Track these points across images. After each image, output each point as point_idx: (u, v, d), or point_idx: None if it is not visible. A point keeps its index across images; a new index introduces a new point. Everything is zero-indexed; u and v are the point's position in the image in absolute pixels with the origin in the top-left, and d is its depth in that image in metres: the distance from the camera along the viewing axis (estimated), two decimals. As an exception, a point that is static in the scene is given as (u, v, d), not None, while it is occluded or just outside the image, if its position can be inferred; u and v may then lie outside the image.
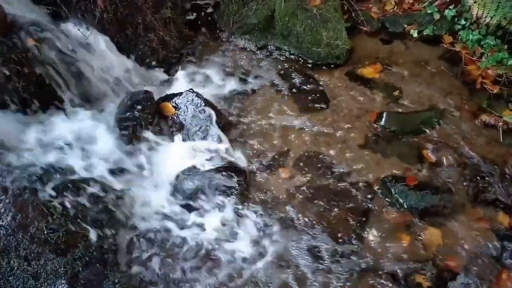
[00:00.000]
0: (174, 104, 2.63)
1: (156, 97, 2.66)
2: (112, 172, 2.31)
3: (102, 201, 2.19)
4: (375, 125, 2.80)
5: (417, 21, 3.32)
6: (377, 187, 2.51)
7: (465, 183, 2.52)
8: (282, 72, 3.12)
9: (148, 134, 2.51)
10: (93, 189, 2.19)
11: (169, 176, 2.46)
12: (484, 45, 3.03)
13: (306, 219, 2.37)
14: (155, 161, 2.48)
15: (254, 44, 3.28)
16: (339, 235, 2.32)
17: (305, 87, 3.01)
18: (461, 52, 3.13)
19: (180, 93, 2.66)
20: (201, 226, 2.32)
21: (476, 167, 2.56)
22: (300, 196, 2.47)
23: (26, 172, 2.06)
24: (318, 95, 2.97)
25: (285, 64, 3.18)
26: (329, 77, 3.09)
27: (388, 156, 2.66)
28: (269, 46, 3.26)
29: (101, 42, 2.63)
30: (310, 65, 3.16)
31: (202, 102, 2.61)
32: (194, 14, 3.43)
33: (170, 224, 2.30)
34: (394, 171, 2.58)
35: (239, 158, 2.60)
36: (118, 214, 2.22)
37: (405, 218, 2.37)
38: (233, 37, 3.31)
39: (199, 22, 3.40)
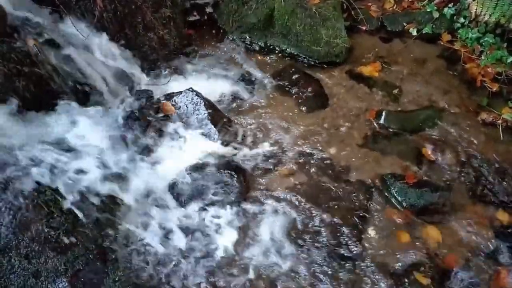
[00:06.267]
0: (173, 103, 2.64)
1: (156, 96, 2.67)
2: (113, 170, 2.32)
3: (103, 199, 2.20)
4: (375, 124, 2.81)
5: (416, 20, 3.33)
6: (376, 185, 2.52)
7: (464, 181, 2.53)
8: (281, 71, 3.13)
9: (148, 133, 2.52)
10: (94, 187, 2.19)
11: (169, 175, 2.46)
12: (483, 43, 3.04)
13: (305, 217, 2.38)
14: (155, 160, 2.48)
15: (253, 43, 3.28)
16: (338, 233, 2.32)
17: (304, 85, 3.02)
18: (460, 50, 3.14)
19: (180, 92, 2.66)
20: (200, 225, 2.33)
21: (475, 165, 2.56)
22: (300, 195, 2.47)
23: (26, 170, 2.06)
24: (317, 94, 2.97)
25: (285, 63, 3.19)
26: (329, 75, 3.10)
27: (388, 154, 2.66)
28: (268, 45, 3.26)
29: (101, 42, 2.64)
30: (309, 64, 3.17)
31: (201, 101, 2.62)
32: (194, 13, 3.43)
33: (169, 222, 2.31)
34: (393, 169, 2.58)
35: (239, 157, 2.61)
36: (118, 212, 2.22)
37: (404, 216, 2.38)
38: (232, 36, 3.32)
39: (199, 21, 3.41)
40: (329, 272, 2.19)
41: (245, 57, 3.21)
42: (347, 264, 2.22)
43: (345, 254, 2.25)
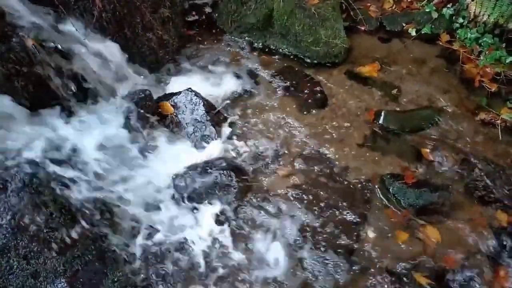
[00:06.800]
0: (172, 103, 2.64)
1: (155, 96, 2.67)
2: (111, 170, 2.32)
3: (102, 199, 2.20)
4: (374, 124, 2.81)
5: (415, 20, 3.34)
6: (375, 185, 2.52)
7: (463, 181, 2.53)
8: (280, 71, 3.13)
9: (147, 134, 2.52)
10: (92, 187, 2.19)
11: (168, 175, 2.46)
12: (482, 44, 3.04)
13: (305, 217, 2.38)
14: (154, 160, 2.48)
15: (252, 43, 3.28)
16: (337, 233, 2.32)
17: (303, 86, 3.02)
18: (459, 51, 3.14)
19: (179, 92, 2.66)
20: (199, 225, 2.33)
21: (474, 165, 2.56)
22: (299, 195, 2.47)
23: (25, 170, 2.06)
24: (316, 94, 2.97)
25: (284, 63, 3.19)
26: (328, 76, 3.10)
27: (387, 154, 2.66)
28: (267, 45, 3.26)
29: (100, 42, 2.63)
30: (308, 64, 3.17)
31: (200, 101, 2.62)
32: (193, 13, 3.43)
33: (168, 223, 2.31)
34: (392, 169, 2.58)
35: (238, 157, 2.61)
36: (117, 212, 2.22)
37: (403, 216, 2.38)
38: (231, 36, 3.32)
39: (198, 22, 3.41)
40: (328, 272, 2.19)
41: (244, 57, 3.22)
42: (346, 264, 2.22)
43: (344, 254, 2.25)
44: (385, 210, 2.42)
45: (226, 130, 2.70)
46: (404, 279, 2.16)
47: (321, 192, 2.48)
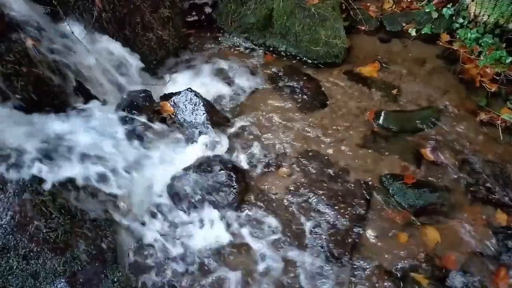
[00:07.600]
0: (172, 103, 2.63)
1: (154, 96, 2.67)
2: (111, 171, 2.32)
3: (101, 199, 2.20)
4: (373, 124, 2.81)
5: (415, 20, 3.33)
6: (375, 185, 2.52)
7: (463, 181, 2.53)
8: (280, 71, 3.13)
9: (146, 134, 2.51)
10: (92, 187, 2.19)
11: (168, 176, 2.46)
12: (482, 44, 3.03)
13: (304, 218, 2.38)
14: (153, 161, 2.48)
15: (252, 43, 3.28)
16: (337, 233, 2.32)
17: (303, 86, 3.02)
18: (459, 51, 3.13)
19: (179, 92, 2.66)
20: (199, 226, 2.33)
21: (474, 165, 2.57)
22: (299, 195, 2.47)
23: (25, 170, 2.06)
24: (316, 94, 2.97)
25: (284, 63, 3.19)
26: (328, 76, 3.10)
27: (386, 154, 2.66)
28: (267, 45, 3.26)
29: (99, 42, 2.63)
30: (308, 64, 3.17)
31: (200, 101, 2.61)
32: (193, 13, 3.43)
33: (168, 223, 2.31)
34: (392, 169, 2.58)
35: (238, 157, 2.61)
36: (117, 213, 2.22)
37: (403, 216, 2.38)
38: (231, 36, 3.32)
39: (198, 22, 3.41)
40: (328, 273, 2.19)
41: (243, 57, 3.22)
42: (346, 265, 2.22)
43: (344, 255, 2.25)
44: (385, 211, 2.42)
45: (226, 130, 2.71)
46: (404, 279, 2.16)
47: (321, 192, 2.48)
